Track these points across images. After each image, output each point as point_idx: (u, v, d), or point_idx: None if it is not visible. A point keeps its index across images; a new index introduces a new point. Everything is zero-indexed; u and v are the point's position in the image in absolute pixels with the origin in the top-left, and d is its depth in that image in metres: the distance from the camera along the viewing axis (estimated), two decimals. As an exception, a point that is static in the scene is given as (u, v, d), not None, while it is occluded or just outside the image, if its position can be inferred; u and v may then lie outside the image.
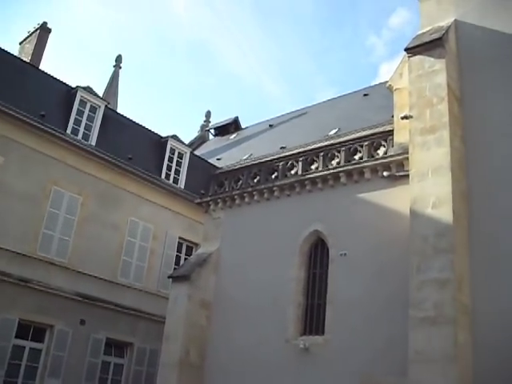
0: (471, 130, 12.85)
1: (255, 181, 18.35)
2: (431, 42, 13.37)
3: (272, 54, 65.56)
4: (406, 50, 13.82)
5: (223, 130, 34.54)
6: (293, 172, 17.34)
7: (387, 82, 16.77)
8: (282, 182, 17.28)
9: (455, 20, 14.01)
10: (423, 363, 10.74)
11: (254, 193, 17.95)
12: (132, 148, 23.81)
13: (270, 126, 28.90)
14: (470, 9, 13.97)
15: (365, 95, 23.80)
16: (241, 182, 18.85)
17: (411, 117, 12.97)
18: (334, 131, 20.18)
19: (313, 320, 15.50)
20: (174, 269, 22.71)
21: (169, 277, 19.24)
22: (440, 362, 10.51)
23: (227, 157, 26.82)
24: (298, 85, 66.63)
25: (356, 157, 15.95)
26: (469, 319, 11.24)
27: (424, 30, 14.19)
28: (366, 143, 15.86)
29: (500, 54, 13.17)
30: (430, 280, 11.21)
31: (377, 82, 25.56)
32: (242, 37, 63.62)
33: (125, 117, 25.22)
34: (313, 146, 18.23)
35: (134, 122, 25.26)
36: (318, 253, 16.12)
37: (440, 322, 10.77)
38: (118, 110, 29.16)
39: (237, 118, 34.54)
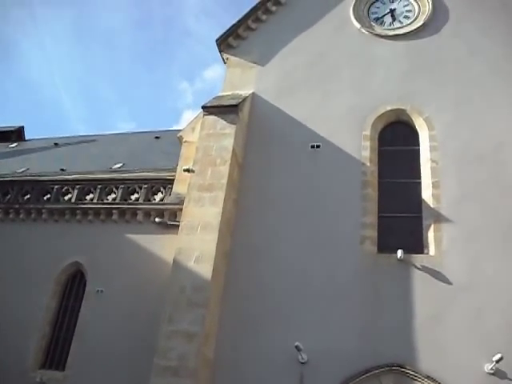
0: (245, 195, 13.70)
1: (25, 198, 17.53)
2: (227, 106, 14.19)
3: (78, 75, 62.98)
4: (203, 107, 14.46)
5: (4, 136, 32.19)
6: (67, 198, 16.93)
7: (180, 130, 17.25)
8: (53, 205, 16.75)
9: (253, 93, 15.03)
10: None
11: (21, 211, 17.12)
12: None
13: (55, 144, 27.72)
14: (268, 87, 15.17)
15: (156, 137, 24.00)
16: (9, 195, 17.84)
17: (193, 171, 13.46)
18: (118, 165, 20.03)
19: (56, 353, 14.98)
20: None
21: None
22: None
23: (1, 166, 25.13)
24: (98, 111, 64.77)
25: (133, 197, 16.13)
26: (210, 371, 11.70)
27: (224, 93, 15.04)
28: (145, 186, 16.12)
29: (284, 132, 14.36)
30: (179, 331, 11.49)
31: (176, 128, 25.81)
32: (53, 48, 60.54)
33: None
34: (93, 176, 17.79)
35: None
36: (75, 285, 15.75)
37: (182, 373, 11.06)
38: None
39: (22, 127, 32.57)
